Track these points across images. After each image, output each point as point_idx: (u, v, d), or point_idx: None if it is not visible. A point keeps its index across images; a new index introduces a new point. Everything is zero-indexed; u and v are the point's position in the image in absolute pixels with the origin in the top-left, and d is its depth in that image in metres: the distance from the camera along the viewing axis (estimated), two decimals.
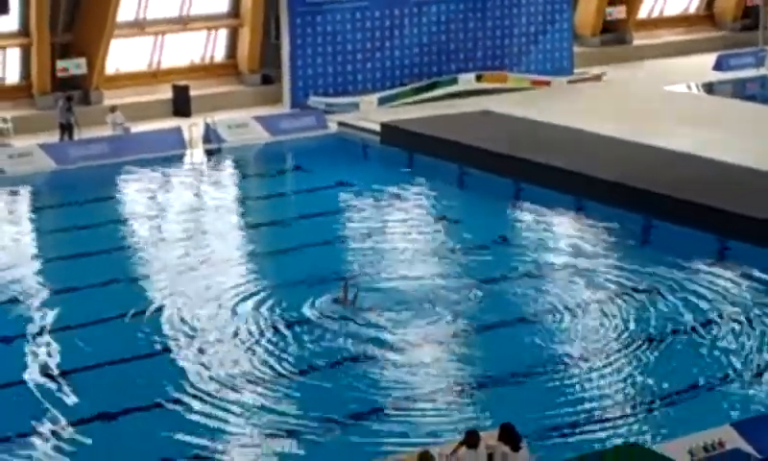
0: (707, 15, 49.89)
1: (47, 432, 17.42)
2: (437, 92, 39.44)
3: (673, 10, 49.31)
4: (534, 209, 28.47)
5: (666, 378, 18.87)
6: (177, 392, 18.69)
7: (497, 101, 38.08)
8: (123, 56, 38.17)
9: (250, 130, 36.34)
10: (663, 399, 18.22)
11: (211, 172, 34.14)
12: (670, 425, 17.18)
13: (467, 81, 40.06)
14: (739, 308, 21.76)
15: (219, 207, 30.14)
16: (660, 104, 38.52)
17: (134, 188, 32.13)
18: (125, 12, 37.16)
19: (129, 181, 32.46)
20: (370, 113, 37.53)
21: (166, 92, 38.18)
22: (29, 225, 29.58)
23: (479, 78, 40.31)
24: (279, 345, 20.49)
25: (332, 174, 31.91)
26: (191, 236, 27.39)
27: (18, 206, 31.17)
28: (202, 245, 26.67)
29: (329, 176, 31.74)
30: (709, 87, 42.42)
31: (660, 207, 26.98)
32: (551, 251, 25.63)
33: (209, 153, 35.15)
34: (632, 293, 22.68)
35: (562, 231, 27.34)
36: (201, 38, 39.61)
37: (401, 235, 26.97)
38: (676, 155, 30.78)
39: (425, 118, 35.61)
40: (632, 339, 20.48)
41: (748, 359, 19.62)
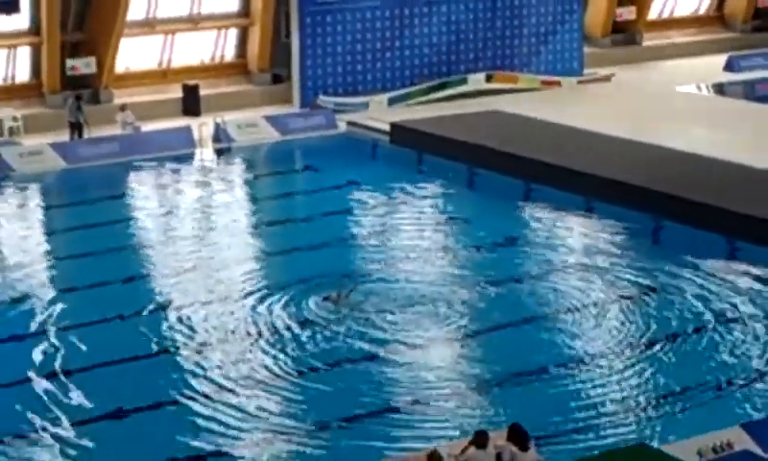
0: (717, 16, 49.71)
1: (51, 432, 17.43)
2: (447, 92, 39.40)
3: (683, 10, 49.16)
4: (544, 210, 28.46)
5: (675, 378, 18.86)
6: (186, 390, 18.73)
7: (507, 101, 38.02)
8: (133, 55, 38.17)
9: (259, 129, 36.34)
10: (672, 398, 18.19)
11: (221, 171, 34.15)
12: (679, 426, 17.16)
13: (476, 81, 40.01)
14: (750, 308, 21.72)
15: (228, 207, 30.15)
16: (671, 104, 38.45)
17: (144, 187, 32.18)
18: (135, 11, 37.17)
19: (138, 179, 32.52)
20: (379, 113, 37.53)
21: (176, 91, 38.18)
22: (39, 223, 29.62)
23: (489, 78, 40.26)
24: (289, 345, 20.52)
25: (341, 173, 31.90)
26: (200, 235, 27.42)
27: (28, 204, 31.18)
28: (211, 244, 26.69)
29: (339, 175, 31.73)
30: (720, 88, 42.33)
31: (670, 208, 26.93)
32: (561, 251, 25.60)
33: (219, 152, 35.16)
34: (641, 293, 22.66)
35: (571, 232, 27.30)
36: (211, 38, 39.61)
37: (411, 235, 26.95)
38: (686, 155, 30.73)
39: (435, 118, 35.56)
40: (641, 339, 20.47)
41: (757, 360, 19.58)
